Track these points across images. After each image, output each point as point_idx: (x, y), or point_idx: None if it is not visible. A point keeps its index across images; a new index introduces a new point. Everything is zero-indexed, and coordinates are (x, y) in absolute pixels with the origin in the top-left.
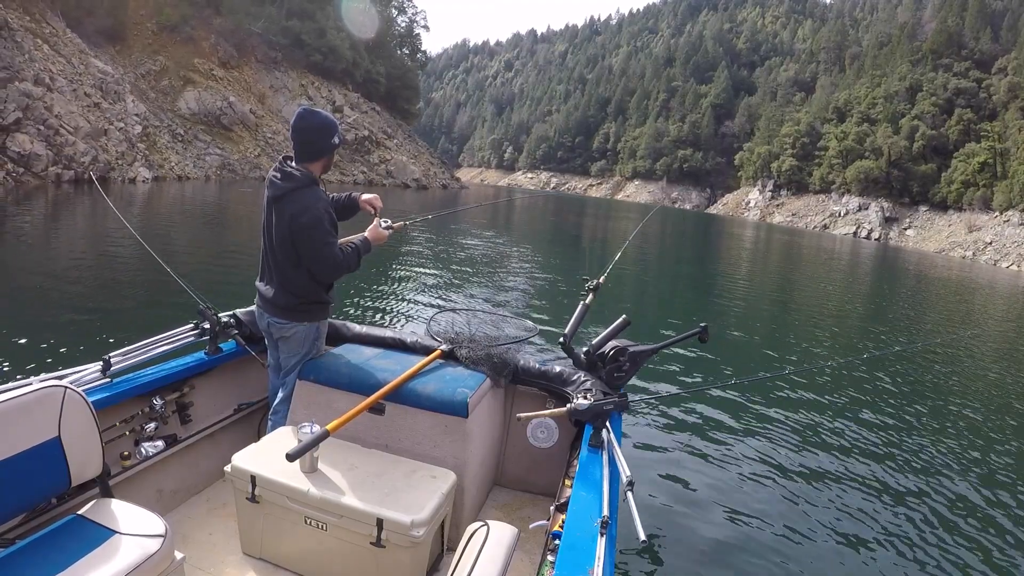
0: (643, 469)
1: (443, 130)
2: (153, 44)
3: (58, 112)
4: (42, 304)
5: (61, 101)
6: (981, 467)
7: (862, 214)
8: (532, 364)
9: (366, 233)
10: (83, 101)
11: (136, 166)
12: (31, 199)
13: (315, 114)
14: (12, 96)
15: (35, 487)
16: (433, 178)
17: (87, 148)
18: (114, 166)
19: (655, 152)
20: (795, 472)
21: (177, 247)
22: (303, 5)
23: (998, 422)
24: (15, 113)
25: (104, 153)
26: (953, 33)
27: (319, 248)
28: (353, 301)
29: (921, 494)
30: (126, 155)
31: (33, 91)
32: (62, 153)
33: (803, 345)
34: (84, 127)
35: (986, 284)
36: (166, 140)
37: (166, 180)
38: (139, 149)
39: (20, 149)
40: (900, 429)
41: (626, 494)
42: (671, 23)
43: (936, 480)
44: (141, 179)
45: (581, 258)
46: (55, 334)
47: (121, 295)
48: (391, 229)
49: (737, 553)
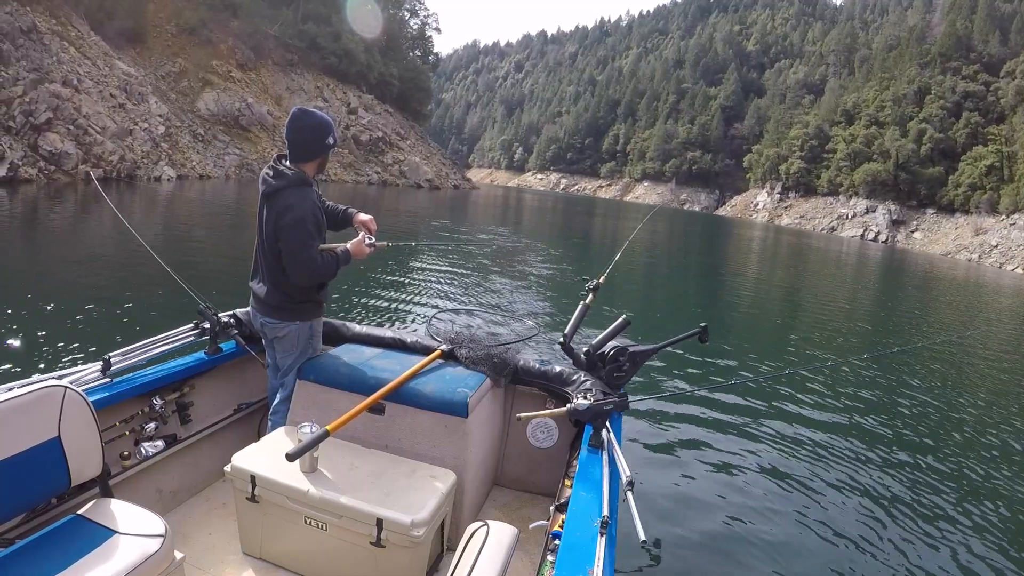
0: (643, 469)
1: (453, 131)
2: (172, 46)
3: (86, 112)
4: (42, 304)
5: (88, 102)
6: (981, 467)
7: (869, 217)
8: (532, 364)
9: (349, 245)
10: (109, 102)
11: (161, 165)
12: (61, 196)
13: (309, 114)
14: (43, 97)
15: (35, 487)
16: (445, 179)
17: (115, 147)
18: (140, 165)
19: (664, 154)
20: (795, 472)
21: (184, 246)
22: (318, 9)
23: (999, 421)
24: (46, 113)
25: (130, 152)
26: (962, 36)
27: (296, 249)
28: (353, 301)
29: (922, 494)
30: (151, 154)
31: (62, 92)
32: (91, 152)
33: (804, 345)
34: (111, 127)
35: (991, 286)
36: (187, 140)
37: (188, 179)
38: (163, 149)
39: (51, 148)
40: (901, 429)
41: (626, 494)
42: (681, 25)
43: (937, 480)
44: (166, 178)
45: (584, 258)
46: (55, 334)
47: (122, 295)
48: (373, 247)
49: (737, 553)
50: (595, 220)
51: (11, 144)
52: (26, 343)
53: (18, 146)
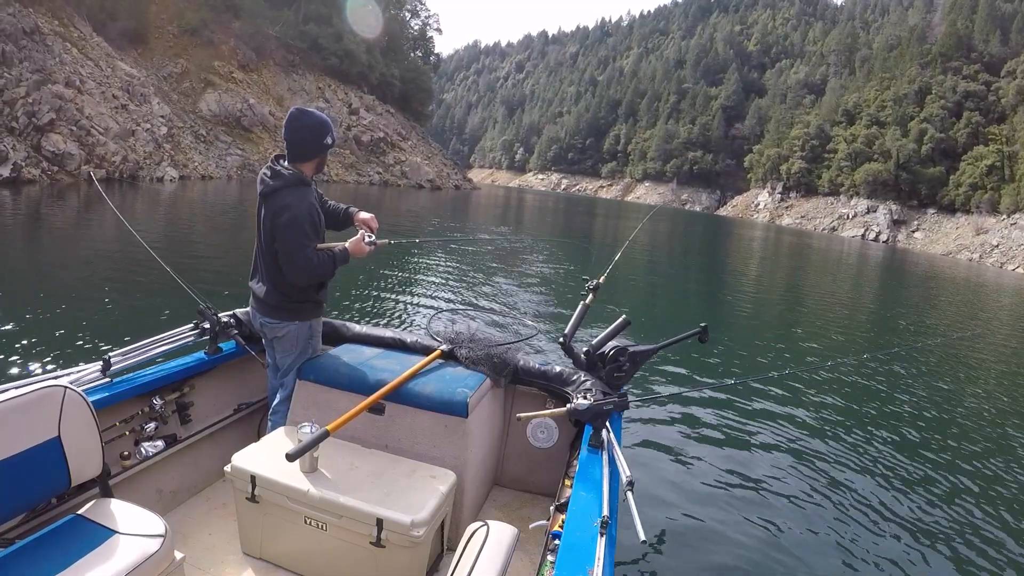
0: (643, 469)
1: (454, 131)
2: (174, 47)
3: (89, 113)
4: (43, 304)
5: (91, 103)
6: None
7: (870, 216)
8: (532, 364)
9: (347, 244)
10: (111, 103)
11: (163, 165)
12: (64, 197)
13: (307, 114)
14: (45, 98)
15: (35, 487)
16: (446, 179)
17: (117, 148)
18: (143, 166)
19: (665, 154)
20: (796, 471)
21: (185, 246)
22: (320, 10)
23: (1001, 421)
24: (49, 114)
25: (133, 153)
26: (962, 36)
27: (292, 249)
28: (353, 301)
29: (923, 493)
30: (153, 155)
31: (65, 93)
32: (94, 153)
33: (804, 346)
34: (114, 128)
35: (992, 286)
36: (189, 141)
37: (191, 179)
38: (165, 150)
39: (54, 148)
40: (901, 428)
41: (626, 494)
42: (682, 25)
43: (937, 479)
44: (169, 178)
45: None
46: (55, 334)
47: (122, 295)
48: (374, 245)
49: (737, 553)
50: (596, 220)
51: (14, 145)
52: (26, 343)
53: (21, 147)
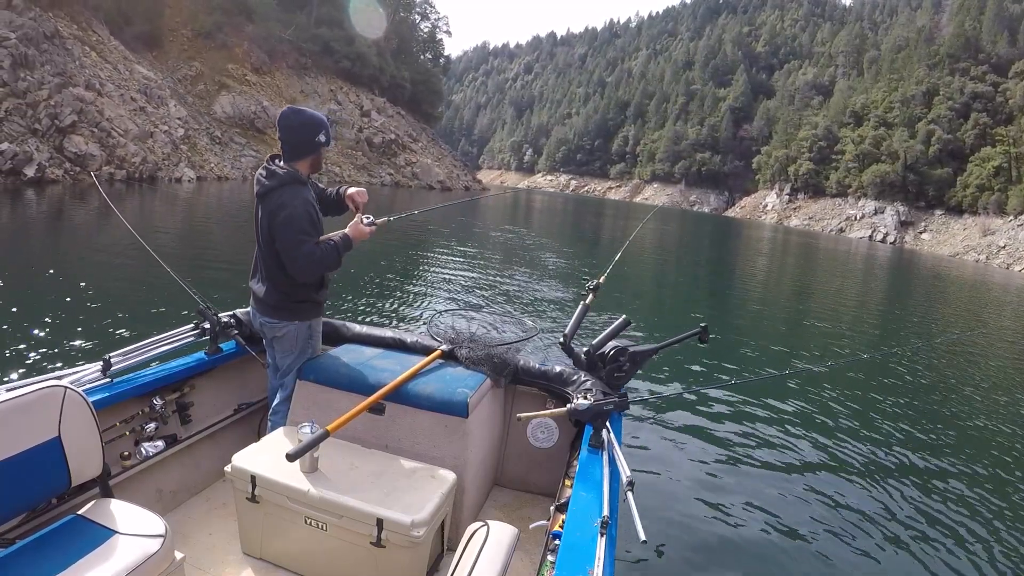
0: (643, 469)
1: (463, 132)
2: (188, 50)
3: (109, 115)
4: (44, 303)
5: (111, 105)
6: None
7: (878, 218)
8: (532, 364)
9: (347, 230)
10: (130, 105)
11: (181, 166)
12: (85, 197)
13: (299, 112)
14: (67, 100)
15: (35, 487)
16: (456, 180)
17: (137, 149)
18: (161, 167)
19: (674, 155)
20: (796, 472)
21: (195, 246)
22: (332, 14)
23: (1006, 420)
24: (71, 116)
25: (152, 154)
26: (970, 37)
27: (292, 246)
28: (353, 301)
29: (926, 493)
30: (171, 156)
31: (85, 95)
32: (114, 154)
33: (805, 346)
34: (133, 130)
35: (999, 287)
36: (205, 142)
37: (207, 180)
38: (182, 151)
39: (76, 150)
40: (905, 429)
41: (626, 494)
42: (690, 26)
43: (943, 481)
44: (187, 179)
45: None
46: (55, 334)
47: (123, 295)
48: (374, 226)
49: (737, 553)
50: (604, 221)
51: (38, 146)
52: (26, 343)
53: (44, 148)
